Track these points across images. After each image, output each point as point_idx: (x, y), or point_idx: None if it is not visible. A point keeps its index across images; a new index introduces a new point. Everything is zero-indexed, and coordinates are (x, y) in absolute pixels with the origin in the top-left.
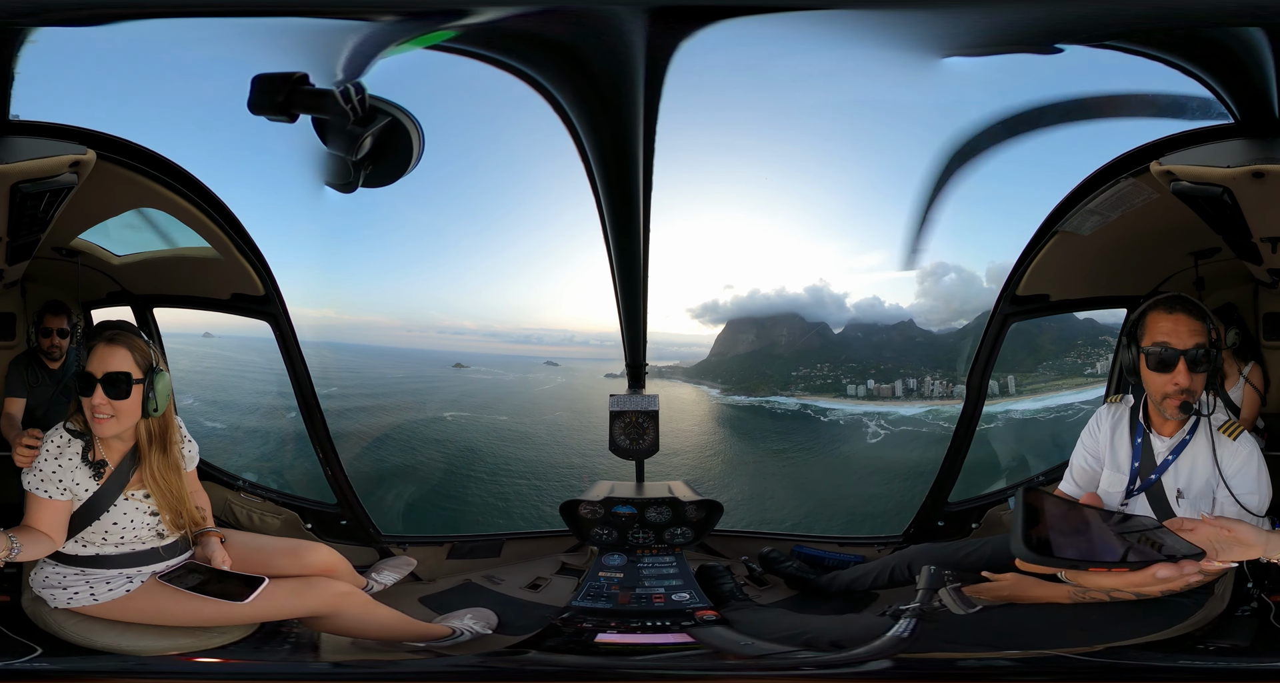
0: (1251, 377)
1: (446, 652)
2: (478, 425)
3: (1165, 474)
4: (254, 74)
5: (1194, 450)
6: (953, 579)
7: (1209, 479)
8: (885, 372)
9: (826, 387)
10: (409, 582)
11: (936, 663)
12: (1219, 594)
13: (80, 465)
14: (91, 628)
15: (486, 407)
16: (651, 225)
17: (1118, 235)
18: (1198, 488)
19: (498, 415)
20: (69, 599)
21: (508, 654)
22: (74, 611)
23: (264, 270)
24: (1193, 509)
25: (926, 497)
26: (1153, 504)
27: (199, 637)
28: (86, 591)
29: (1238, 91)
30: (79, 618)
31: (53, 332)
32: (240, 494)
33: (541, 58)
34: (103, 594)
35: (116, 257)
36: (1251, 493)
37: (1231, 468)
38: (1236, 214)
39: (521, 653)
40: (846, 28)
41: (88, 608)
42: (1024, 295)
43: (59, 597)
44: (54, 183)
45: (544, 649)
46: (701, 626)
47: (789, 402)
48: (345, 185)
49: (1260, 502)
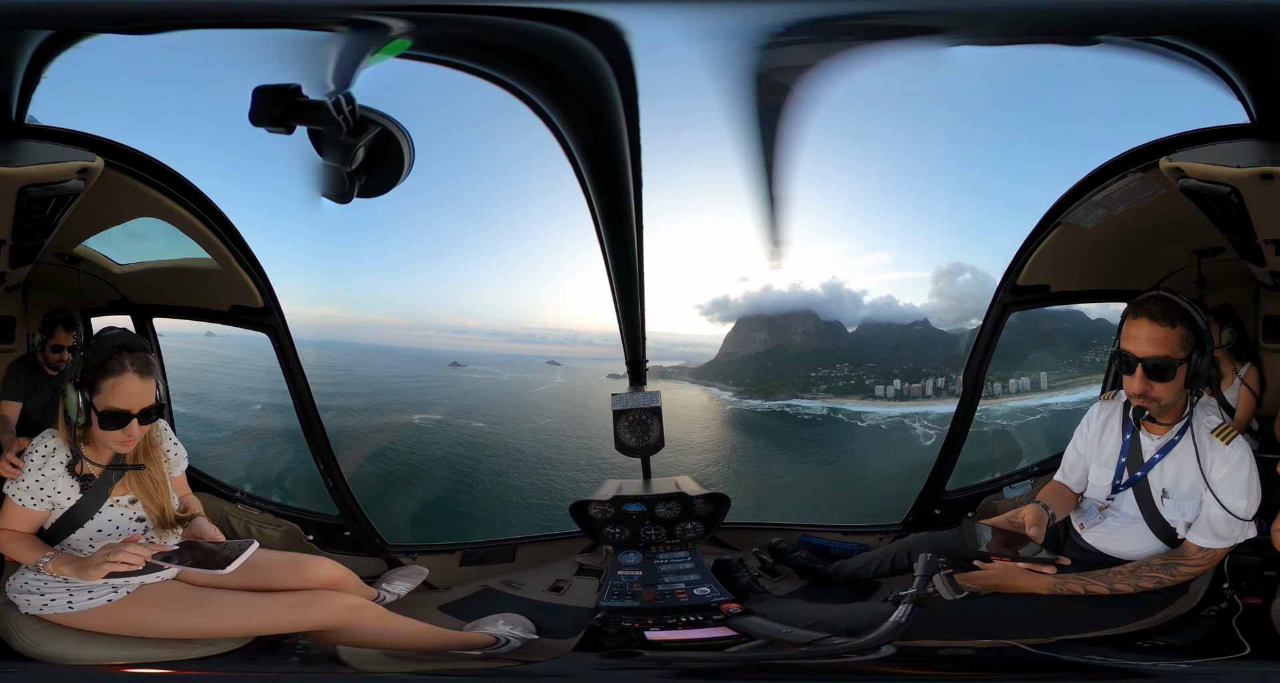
0: (1247, 378)
1: (502, 658)
2: (447, 433)
3: (1151, 472)
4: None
5: (1181, 452)
6: (946, 566)
7: (1196, 482)
8: (909, 371)
9: (850, 388)
10: (423, 591)
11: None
12: (1192, 593)
13: (64, 474)
14: (50, 635)
15: (465, 411)
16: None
17: (1122, 229)
18: (1184, 490)
19: (474, 421)
20: (43, 606)
21: (575, 657)
22: (42, 617)
23: (263, 282)
24: (1178, 510)
25: (924, 486)
26: (1139, 501)
27: (178, 648)
28: (64, 598)
29: (1258, 91)
30: (41, 625)
31: (63, 348)
32: (238, 506)
33: (512, 66)
34: (81, 603)
35: (118, 265)
36: (1240, 498)
37: (1221, 473)
38: (1243, 214)
39: (586, 655)
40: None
41: (60, 616)
42: (1024, 285)
43: (33, 602)
44: (61, 188)
45: (603, 651)
46: (736, 617)
47: (813, 405)
48: (341, 196)
49: (1248, 507)
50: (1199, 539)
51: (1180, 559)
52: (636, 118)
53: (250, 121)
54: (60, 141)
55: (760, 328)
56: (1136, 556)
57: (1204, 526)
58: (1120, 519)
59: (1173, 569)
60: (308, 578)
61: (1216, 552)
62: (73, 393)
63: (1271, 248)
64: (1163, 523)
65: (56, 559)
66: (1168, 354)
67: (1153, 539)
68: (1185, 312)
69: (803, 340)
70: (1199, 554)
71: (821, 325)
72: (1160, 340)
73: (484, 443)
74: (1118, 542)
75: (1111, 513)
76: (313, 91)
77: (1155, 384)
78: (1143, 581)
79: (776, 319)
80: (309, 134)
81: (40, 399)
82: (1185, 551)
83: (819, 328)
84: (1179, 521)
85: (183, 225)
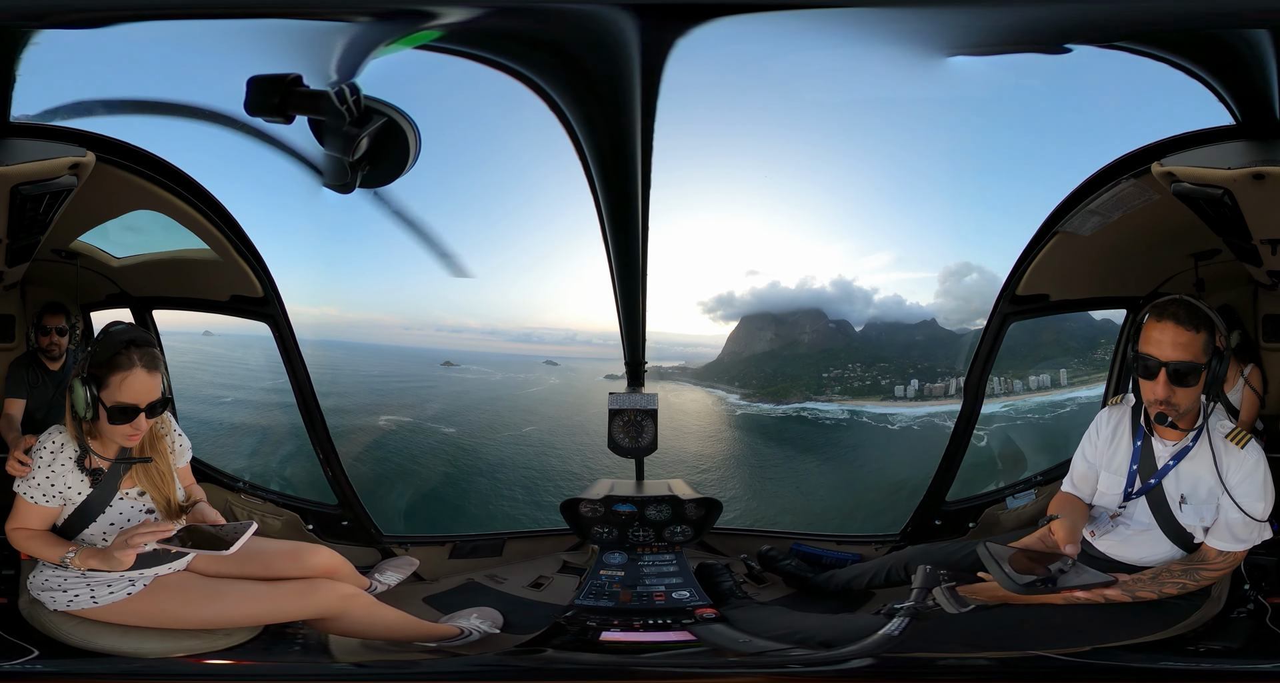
0: (1251, 379)
1: (457, 651)
2: (412, 436)
3: (1166, 479)
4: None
5: (1198, 457)
6: (947, 579)
7: (1214, 487)
8: (925, 370)
9: (866, 389)
10: (412, 582)
11: (922, 662)
12: (1215, 596)
13: (73, 470)
14: (91, 630)
15: (441, 415)
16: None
17: (1118, 236)
18: (1202, 495)
19: (445, 426)
20: (69, 602)
21: (517, 654)
22: (73, 613)
23: (263, 272)
24: (1195, 515)
25: (924, 496)
26: (1153, 508)
27: (204, 639)
28: (87, 593)
29: (1239, 92)
30: (78, 621)
31: (51, 330)
32: (240, 496)
33: (534, 58)
34: (103, 597)
35: (115, 259)
36: (1257, 500)
37: (1237, 477)
38: (1237, 216)
39: (530, 652)
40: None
41: (87, 611)
42: (1024, 295)
43: (58, 599)
44: (54, 185)
45: (552, 648)
46: (701, 623)
47: (831, 408)
48: (343, 186)
49: (1265, 508)
50: (1219, 543)
51: (1201, 564)
52: (653, 114)
53: (246, 111)
54: (50, 138)
55: (766, 326)
56: (1151, 562)
57: (1223, 529)
58: (1134, 526)
59: (1195, 574)
60: (308, 566)
61: (1237, 555)
62: (80, 389)
63: (1268, 248)
64: (1179, 529)
65: (82, 553)
66: (1192, 359)
67: (1168, 545)
68: (1208, 317)
69: (811, 339)
70: (1220, 558)
71: (830, 324)
72: (1186, 345)
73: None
74: (1131, 549)
75: (1124, 521)
76: (315, 82)
77: (1178, 390)
78: (1166, 587)
79: (784, 317)
80: (310, 124)
81: (43, 395)
82: (1205, 555)
83: (827, 327)
84: (1197, 526)
85: (179, 217)
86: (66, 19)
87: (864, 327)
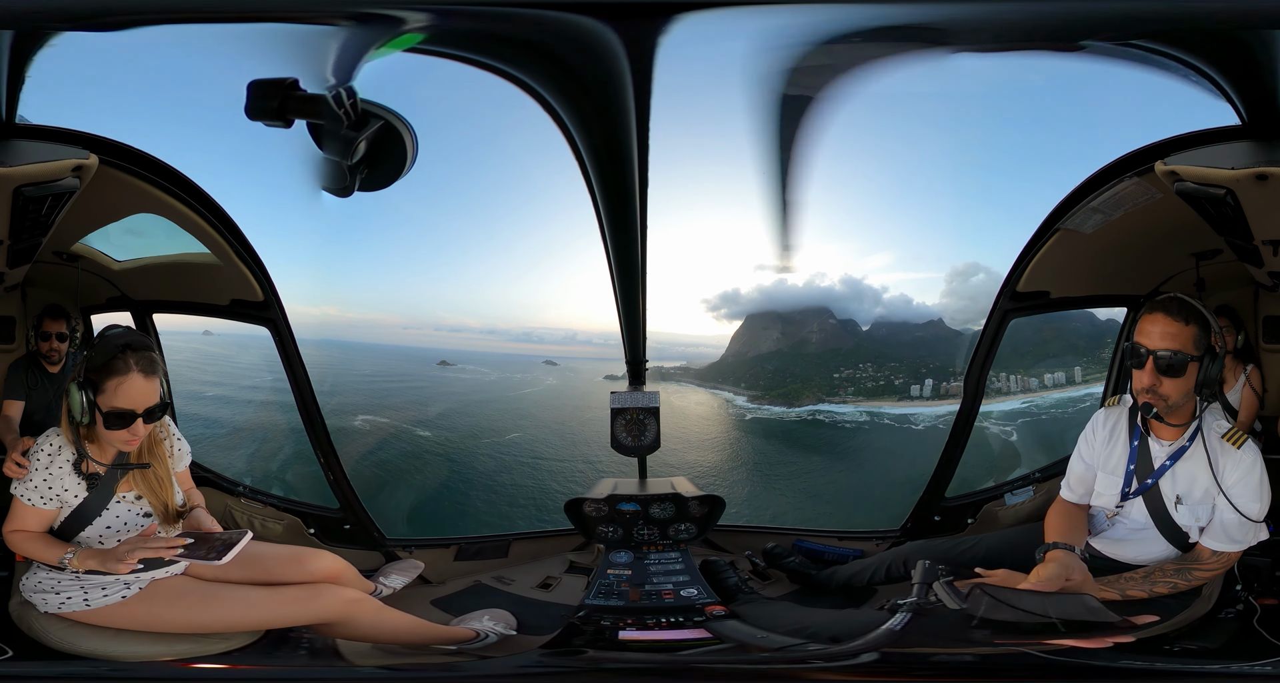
0: (1251, 380)
1: (477, 654)
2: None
3: (1163, 479)
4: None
5: (1193, 458)
6: (946, 574)
7: (1209, 488)
8: (937, 370)
9: (879, 390)
10: (418, 585)
11: (927, 657)
12: (1206, 596)
13: (70, 473)
14: (80, 634)
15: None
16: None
17: (1120, 234)
18: (1198, 495)
19: (421, 430)
20: (60, 604)
21: (539, 654)
22: (62, 616)
23: (263, 276)
24: (1191, 515)
25: (924, 492)
26: (1150, 508)
27: (199, 643)
28: (80, 596)
29: (1248, 92)
30: (68, 624)
31: (51, 336)
32: (240, 500)
33: (524, 61)
34: (96, 600)
35: (116, 262)
36: (1253, 501)
37: (1233, 477)
38: (1239, 216)
39: (551, 653)
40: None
41: (78, 614)
42: (1024, 292)
43: (50, 601)
44: (56, 187)
45: (571, 649)
46: (714, 620)
47: (846, 410)
48: (342, 190)
49: (1261, 509)
50: (1213, 543)
51: (1195, 564)
52: (647, 114)
53: (246, 115)
54: (53, 140)
55: (772, 326)
56: (1146, 561)
57: (1218, 530)
58: (1130, 526)
59: (1187, 574)
60: (310, 571)
61: (1231, 555)
62: (76, 393)
63: (1269, 249)
64: (1175, 529)
65: (81, 554)
66: (1180, 349)
67: (1163, 545)
68: (1200, 313)
69: (820, 339)
70: (1213, 558)
71: (837, 323)
72: (1174, 335)
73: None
74: (1127, 548)
75: (1120, 520)
76: (313, 86)
77: (1165, 379)
78: (1157, 586)
79: (790, 316)
80: (309, 128)
81: (42, 397)
82: (1199, 555)
83: (834, 326)
84: (1192, 526)
85: (180, 220)
86: (70, 22)
87: (870, 326)
